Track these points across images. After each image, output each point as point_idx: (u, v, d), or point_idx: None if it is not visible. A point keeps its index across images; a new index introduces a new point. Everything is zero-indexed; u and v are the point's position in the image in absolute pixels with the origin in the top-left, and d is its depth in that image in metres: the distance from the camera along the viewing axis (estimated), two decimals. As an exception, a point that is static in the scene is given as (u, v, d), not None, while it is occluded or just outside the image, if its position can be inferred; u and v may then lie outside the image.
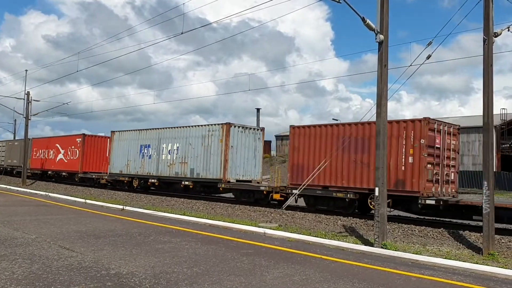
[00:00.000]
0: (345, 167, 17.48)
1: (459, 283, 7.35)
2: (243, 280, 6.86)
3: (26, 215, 14.43)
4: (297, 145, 19.40)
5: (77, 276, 6.62)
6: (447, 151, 16.68)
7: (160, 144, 25.52)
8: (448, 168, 16.68)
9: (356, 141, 17.29)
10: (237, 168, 22.26)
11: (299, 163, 19.20)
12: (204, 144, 22.89)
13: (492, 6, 10.67)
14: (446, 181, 16.55)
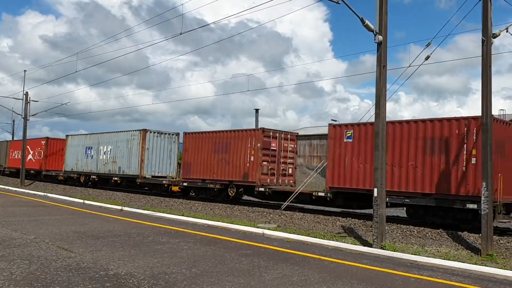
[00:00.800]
0: (215, 164, 22.64)
1: (458, 284, 7.35)
2: (242, 280, 6.85)
3: (25, 216, 14.41)
4: (187, 147, 24.48)
5: (75, 277, 6.61)
6: (284, 152, 22.10)
7: (99, 147, 30.52)
8: (285, 165, 22.21)
9: (223, 145, 22.37)
10: (153, 166, 26.68)
11: (188, 161, 24.28)
12: (128, 147, 27.63)
13: (491, 7, 10.69)
14: (283, 174, 22.14)
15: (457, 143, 14.24)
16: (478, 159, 13.08)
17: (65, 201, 21.27)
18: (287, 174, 22.27)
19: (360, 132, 16.82)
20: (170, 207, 20.05)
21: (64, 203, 19.92)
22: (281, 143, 21.91)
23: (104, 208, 18.40)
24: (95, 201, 21.28)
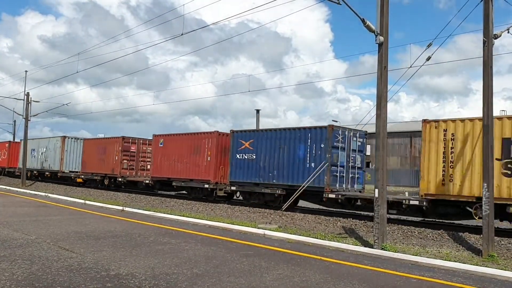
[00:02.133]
0: (97, 162, 31.32)
1: (459, 285, 7.35)
2: (243, 281, 6.86)
3: (26, 216, 14.42)
4: (85, 150, 33.67)
5: (76, 277, 6.62)
6: (143, 153, 30.24)
7: (38, 149, 39.36)
8: (144, 163, 30.18)
9: (102, 148, 30.96)
10: (71, 164, 34.83)
11: (84, 160, 33.66)
12: (54, 149, 36.10)
13: (492, 8, 10.68)
14: (142, 169, 30.21)
15: (211, 147, 23.07)
16: (212, 158, 22.98)
17: (66, 201, 21.29)
18: (145, 169, 30.07)
19: None
20: (171, 208, 20.05)
21: (65, 204, 19.94)
22: (139, 147, 30.20)
23: (105, 208, 18.41)
24: (96, 201, 21.29)
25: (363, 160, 19.87)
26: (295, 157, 19.42)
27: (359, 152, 19.55)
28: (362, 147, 19.74)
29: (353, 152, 19.25)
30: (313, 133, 18.90)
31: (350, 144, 18.91)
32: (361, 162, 19.72)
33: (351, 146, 19.03)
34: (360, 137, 19.61)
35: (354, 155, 19.28)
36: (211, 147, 23.02)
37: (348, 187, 18.87)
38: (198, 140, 23.72)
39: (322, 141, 18.37)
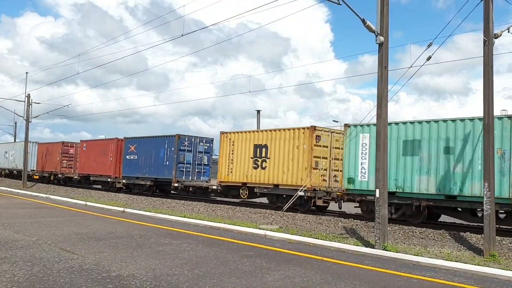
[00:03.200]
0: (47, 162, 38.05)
1: (461, 285, 7.34)
2: (244, 282, 6.86)
3: (27, 218, 14.43)
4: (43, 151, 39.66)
5: (78, 279, 6.62)
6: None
7: (9, 152, 46.82)
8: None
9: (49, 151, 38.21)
10: (32, 164, 40.84)
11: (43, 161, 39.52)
12: (20, 151, 41.72)
13: (492, 8, 10.68)
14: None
15: (113, 150, 29.96)
16: (113, 158, 29.82)
17: (67, 202, 21.30)
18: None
19: None
20: (172, 209, 20.05)
21: (66, 205, 19.95)
22: (77, 150, 35.90)
23: (106, 209, 18.42)
24: (97, 202, 21.30)
25: (209, 159, 27.54)
26: (158, 157, 26.65)
27: (206, 153, 26.99)
28: (209, 150, 27.55)
29: (200, 154, 26.71)
30: (168, 140, 26.18)
31: (197, 147, 26.54)
32: (208, 161, 27.25)
33: (198, 149, 26.59)
34: (207, 142, 27.08)
35: (201, 156, 26.77)
36: (112, 150, 30.33)
37: (194, 179, 26.29)
38: (105, 145, 31.07)
39: (172, 146, 25.68)
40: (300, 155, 19.13)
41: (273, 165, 20.15)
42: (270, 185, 20.24)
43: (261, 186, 20.58)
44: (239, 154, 21.75)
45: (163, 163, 26.05)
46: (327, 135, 19.50)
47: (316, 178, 18.74)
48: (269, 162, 20.36)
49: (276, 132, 20.29)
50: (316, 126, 19.14)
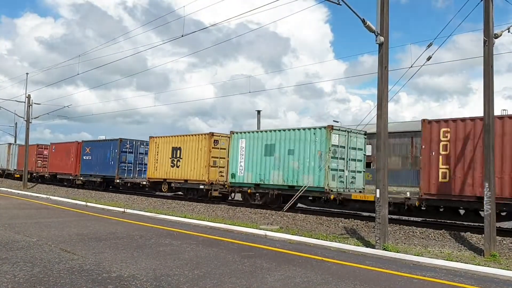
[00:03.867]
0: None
1: (461, 285, 7.34)
2: (244, 282, 6.86)
3: (27, 218, 14.44)
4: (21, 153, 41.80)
5: (78, 279, 6.62)
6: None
7: None
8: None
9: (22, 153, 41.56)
10: (13, 164, 45.78)
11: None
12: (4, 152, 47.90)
13: (493, 8, 10.68)
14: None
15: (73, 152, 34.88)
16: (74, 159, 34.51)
17: (68, 203, 21.30)
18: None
19: None
20: (173, 209, 20.06)
21: (66, 206, 19.95)
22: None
23: (106, 210, 18.43)
24: (97, 203, 21.31)
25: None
26: (106, 158, 31.24)
27: (146, 155, 29.79)
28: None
29: (141, 155, 31.04)
30: (113, 143, 30.65)
31: (138, 149, 31.04)
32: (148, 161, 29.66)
33: (139, 151, 31.08)
34: (147, 145, 29.36)
35: (142, 156, 31.00)
36: (73, 152, 34.99)
37: (136, 176, 30.61)
38: (68, 147, 36.03)
39: (116, 148, 30.21)
40: (202, 155, 23.57)
41: (185, 164, 24.64)
42: (182, 180, 24.76)
43: (176, 181, 25.16)
44: (161, 155, 26.42)
45: (109, 163, 31.11)
46: (225, 140, 23.59)
47: (214, 174, 23.28)
48: (182, 161, 24.89)
49: (187, 137, 24.97)
50: (214, 132, 23.82)
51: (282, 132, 19.98)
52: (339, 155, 18.70)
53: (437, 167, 14.53)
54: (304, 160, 18.96)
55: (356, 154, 19.54)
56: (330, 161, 18.15)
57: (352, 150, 19.32)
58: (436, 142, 14.63)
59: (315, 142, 18.70)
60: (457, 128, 14.27)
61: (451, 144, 14.34)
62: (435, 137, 14.67)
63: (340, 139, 18.82)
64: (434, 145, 14.69)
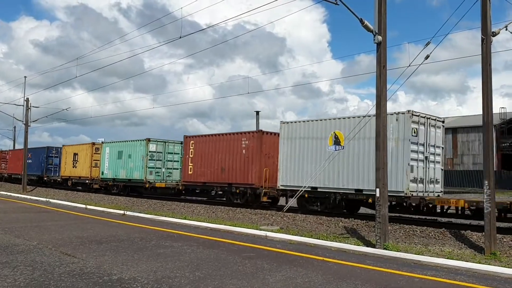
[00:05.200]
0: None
1: (462, 283, 7.34)
2: (245, 283, 6.85)
3: (27, 222, 14.41)
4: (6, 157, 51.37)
5: (79, 282, 6.61)
6: None
7: None
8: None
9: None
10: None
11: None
12: None
13: (490, 6, 10.69)
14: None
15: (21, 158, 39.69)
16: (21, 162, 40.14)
17: (68, 206, 21.28)
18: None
19: None
20: (173, 211, 20.05)
21: (66, 209, 19.93)
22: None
23: (106, 213, 18.40)
24: (97, 206, 21.29)
25: None
26: (39, 161, 40.67)
27: (56, 158, 39.69)
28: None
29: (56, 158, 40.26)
30: (44, 150, 40.37)
31: (60, 155, 39.41)
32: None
33: (60, 156, 39.68)
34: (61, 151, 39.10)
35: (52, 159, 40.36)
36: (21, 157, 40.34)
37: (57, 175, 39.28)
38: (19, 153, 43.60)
39: (45, 153, 39.93)
40: (87, 158, 33.80)
41: (80, 165, 34.89)
42: (77, 177, 35.12)
43: (74, 178, 35.48)
44: (67, 158, 37.02)
45: (41, 165, 40.79)
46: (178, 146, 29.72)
47: (95, 172, 32.91)
48: (77, 164, 35.24)
49: (80, 145, 35.38)
50: (95, 142, 33.76)
51: (125, 143, 29.98)
52: (156, 158, 28.32)
53: (187, 165, 24.58)
54: (136, 161, 28.66)
55: (173, 157, 29.15)
56: (148, 162, 27.84)
57: (169, 154, 28.98)
58: (188, 150, 24.62)
59: (141, 149, 28.39)
60: (197, 141, 24.25)
61: (195, 151, 24.22)
62: (187, 146, 24.64)
63: (158, 147, 28.45)
64: (187, 151, 24.62)
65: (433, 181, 16.40)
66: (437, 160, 16.73)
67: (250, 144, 21.05)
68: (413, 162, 15.42)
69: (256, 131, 21.41)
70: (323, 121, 17.75)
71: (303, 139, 18.30)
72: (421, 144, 15.79)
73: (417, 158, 15.62)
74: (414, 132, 15.37)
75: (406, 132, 15.21)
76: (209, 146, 23.36)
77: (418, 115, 15.71)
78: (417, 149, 15.62)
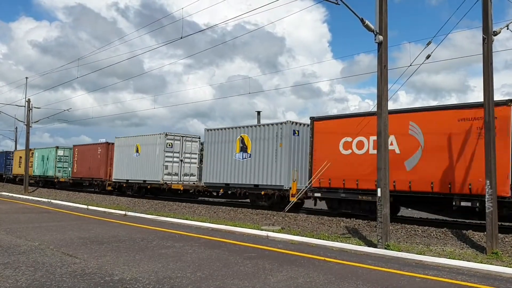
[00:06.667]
0: None
1: (464, 283, 7.32)
2: (247, 284, 6.85)
3: (29, 222, 14.43)
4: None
5: (80, 283, 6.61)
6: None
7: None
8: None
9: None
10: None
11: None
12: None
13: (491, 5, 10.67)
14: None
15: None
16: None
17: (69, 207, 21.30)
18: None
19: None
20: (174, 211, 20.05)
21: (68, 209, 19.95)
22: None
23: (108, 213, 18.42)
24: (99, 206, 21.30)
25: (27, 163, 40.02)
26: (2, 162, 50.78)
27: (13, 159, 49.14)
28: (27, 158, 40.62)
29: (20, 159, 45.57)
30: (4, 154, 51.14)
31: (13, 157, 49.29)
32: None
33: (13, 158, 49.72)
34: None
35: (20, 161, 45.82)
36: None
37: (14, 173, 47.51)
38: None
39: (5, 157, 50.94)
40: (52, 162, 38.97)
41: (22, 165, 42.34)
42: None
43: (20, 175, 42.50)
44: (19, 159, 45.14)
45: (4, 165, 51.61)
46: (68, 151, 38.44)
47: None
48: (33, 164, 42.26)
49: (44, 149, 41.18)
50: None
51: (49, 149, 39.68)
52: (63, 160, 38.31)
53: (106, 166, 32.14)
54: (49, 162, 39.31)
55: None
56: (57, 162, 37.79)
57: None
58: None
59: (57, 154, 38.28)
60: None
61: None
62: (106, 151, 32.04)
63: (65, 152, 38.11)
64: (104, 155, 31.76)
65: (188, 175, 26.98)
66: (193, 162, 27.37)
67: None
68: (168, 163, 26.02)
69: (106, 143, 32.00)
70: (231, 129, 22.26)
71: (219, 143, 22.66)
72: (177, 152, 26.63)
73: (172, 161, 26.25)
74: (169, 145, 26.36)
75: (163, 145, 26.30)
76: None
77: (174, 135, 26.85)
78: (173, 155, 26.39)
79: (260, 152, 20.35)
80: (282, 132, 19.53)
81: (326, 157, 17.08)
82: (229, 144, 22.02)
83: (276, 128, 19.83)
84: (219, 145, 22.55)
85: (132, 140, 28.55)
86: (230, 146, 21.90)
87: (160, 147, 26.13)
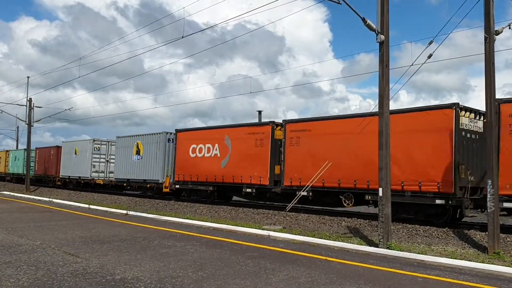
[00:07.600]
0: None
1: (466, 283, 7.32)
2: (248, 283, 6.85)
3: (30, 222, 14.45)
4: None
5: (82, 282, 6.62)
6: None
7: None
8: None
9: None
10: None
11: None
12: None
13: (493, 4, 10.65)
14: None
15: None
16: None
17: (71, 206, 21.32)
18: None
19: None
20: (175, 211, 20.06)
21: (69, 208, 19.97)
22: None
23: (109, 212, 18.43)
24: (100, 205, 21.32)
25: None
26: None
27: None
28: None
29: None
30: None
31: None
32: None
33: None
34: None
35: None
36: None
37: None
38: None
39: None
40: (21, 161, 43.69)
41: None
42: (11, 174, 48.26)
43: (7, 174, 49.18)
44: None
45: None
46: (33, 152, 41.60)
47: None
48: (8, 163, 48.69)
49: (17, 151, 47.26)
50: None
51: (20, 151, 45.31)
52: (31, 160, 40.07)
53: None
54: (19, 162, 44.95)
55: None
56: None
57: None
58: None
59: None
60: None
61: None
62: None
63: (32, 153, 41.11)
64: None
65: (111, 172, 32.28)
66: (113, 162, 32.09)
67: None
68: (96, 163, 33.30)
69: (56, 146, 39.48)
70: (132, 137, 28.58)
71: (125, 148, 28.96)
72: (103, 154, 33.80)
73: (99, 161, 33.52)
74: (97, 148, 33.47)
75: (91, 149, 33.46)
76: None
77: (100, 140, 33.96)
78: (99, 157, 33.58)
79: (147, 154, 26.72)
80: (160, 140, 25.67)
81: (182, 158, 23.91)
82: (130, 148, 28.39)
83: (157, 137, 26.20)
84: (125, 149, 28.91)
85: (72, 144, 36.68)
86: (131, 150, 28.27)
87: (90, 150, 33.50)
